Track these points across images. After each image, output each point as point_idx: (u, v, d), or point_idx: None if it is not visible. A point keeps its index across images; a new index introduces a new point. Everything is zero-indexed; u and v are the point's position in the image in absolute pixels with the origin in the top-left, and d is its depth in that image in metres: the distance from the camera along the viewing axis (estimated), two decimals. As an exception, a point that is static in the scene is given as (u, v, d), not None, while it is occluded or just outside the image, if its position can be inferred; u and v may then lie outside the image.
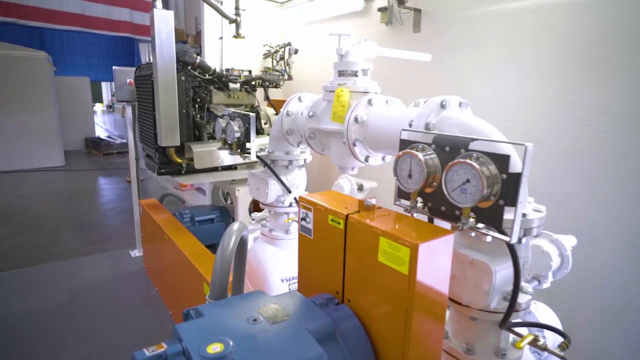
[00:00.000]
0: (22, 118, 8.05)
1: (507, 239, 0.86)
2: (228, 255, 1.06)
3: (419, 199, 1.02)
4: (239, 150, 1.90)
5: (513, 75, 2.31)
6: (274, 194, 2.00)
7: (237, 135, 1.84)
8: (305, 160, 2.07)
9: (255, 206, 3.12)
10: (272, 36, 4.03)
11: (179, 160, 2.60)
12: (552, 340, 1.48)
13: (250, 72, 3.06)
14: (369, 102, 1.47)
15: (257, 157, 1.90)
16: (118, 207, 5.89)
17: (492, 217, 0.87)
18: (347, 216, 0.94)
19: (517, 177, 0.83)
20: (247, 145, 1.85)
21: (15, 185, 6.94)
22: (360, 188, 2.50)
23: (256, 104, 3.05)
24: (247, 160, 1.90)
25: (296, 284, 2.16)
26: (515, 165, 0.86)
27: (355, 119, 1.45)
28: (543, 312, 1.52)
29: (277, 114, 3.17)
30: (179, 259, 2.24)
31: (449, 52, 2.58)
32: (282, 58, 3.19)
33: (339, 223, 0.95)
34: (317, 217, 1.04)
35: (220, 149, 2.05)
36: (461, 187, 0.88)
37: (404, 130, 1.09)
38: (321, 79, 3.75)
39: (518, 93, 2.30)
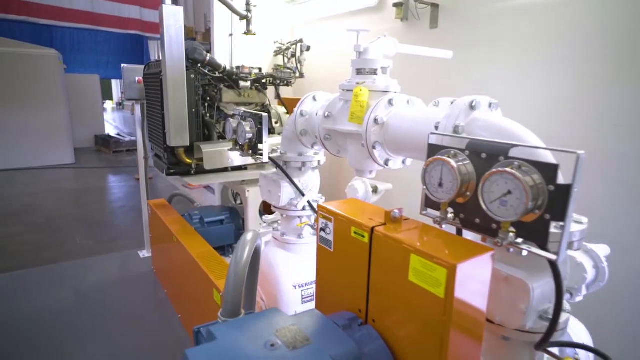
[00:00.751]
0: (33, 116, 8.09)
1: (552, 257, 0.77)
2: (242, 269, 0.98)
3: (450, 210, 0.93)
4: (250, 151, 1.83)
5: (536, 73, 2.20)
6: (286, 197, 1.92)
7: (249, 136, 1.77)
8: (319, 162, 2.00)
9: (266, 207, 3.05)
10: (283, 33, 3.95)
11: (188, 160, 2.53)
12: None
13: (260, 69, 2.98)
14: (390, 102, 1.39)
15: (270, 158, 1.82)
16: (127, 205, 5.87)
17: (536, 233, 0.79)
18: (372, 229, 0.86)
19: (566, 189, 0.74)
20: (260, 146, 1.77)
21: (26, 183, 6.96)
22: (375, 190, 2.41)
23: (267, 102, 2.97)
24: (258, 162, 1.83)
25: (309, 290, 2.09)
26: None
27: (375, 120, 1.37)
28: (575, 329, 1.42)
29: (288, 113, 3.10)
30: (189, 262, 2.18)
31: (467, 49, 2.47)
32: (293, 55, 3.11)
33: (363, 236, 0.87)
34: (338, 229, 0.96)
35: (231, 150, 1.98)
36: (501, 199, 0.79)
37: (432, 134, 1.00)
38: (332, 77, 3.67)
39: (541, 92, 2.19)
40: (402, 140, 1.34)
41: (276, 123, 3.03)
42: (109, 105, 19.81)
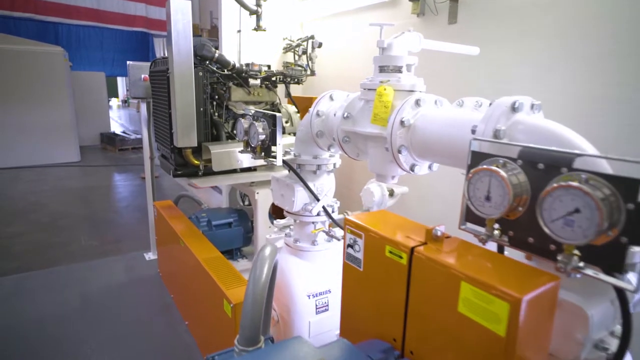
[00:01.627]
0: (38, 114, 8.04)
1: (631, 287, 0.66)
2: (260, 291, 0.88)
3: (496, 226, 0.82)
4: (263, 153, 1.72)
5: (562, 70, 2.08)
6: (300, 202, 1.82)
7: (262, 137, 1.66)
8: (334, 164, 1.89)
9: (275, 209, 2.95)
10: (292, 29, 3.84)
11: (196, 162, 2.44)
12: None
13: (269, 67, 2.87)
14: (417, 102, 1.28)
15: (283, 161, 1.72)
16: (132, 204, 5.79)
17: (607, 257, 0.67)
18: (412, 249, 0.75)
19: (648, 207, 0.63)
20: (273, 148, 1.67)
21: (31, 181, 6.91)
22: (391, 194, 2.30)
23: (277, 101, 2.86)
24: (270, 164, 1.72)
25: (323, 300, 1.99)
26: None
27: (402, 123, 1.25)
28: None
29: (298, 112, 2.99)
30: (197, 269, 2.08)
31: (489, 45, 2.34)
32: (304, 52, 3.00)
33: (401, 257, 0.76)
34: (370, 246, 0.85)
35: (242, 151, 1.87)
36: (566, 217, 0.68)
37: (475, 139, 0.89)
38: (343, 74, 3.52)
39: (568, 91, 2.07)
40: (431, 145, 1.23)
41: (286, 122, 2.93)
42: (114, 102, 19.79)
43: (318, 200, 1.82)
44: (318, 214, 1.85)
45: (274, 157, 1.67)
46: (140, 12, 10.93)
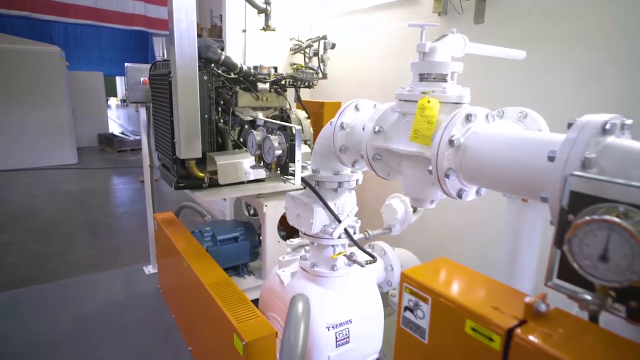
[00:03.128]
0: (34, 114, 7.82)
1: None
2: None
3: (612, 293, 0.63)
4: (279, 171, 1.52)
5: (604, 75, 1.88)
6: (319, 224, 1.62)
7: (278, 153, 1.46)
8: (357, 181, 1.69)
9: (284, 222, 2.75)
10: (300, 29, 3.63)
11: (200, 174, 2.23)
12: None
13: (275, 69, 2.67)
14: (468, 117, 1.08)
15: (302, 180, 1.52)
16: (131, 210, 5.59)
17: None
18: (509, 332, 0.56)
19: None
20: (291, 165, 1.47)
21: (27, 184, 6.70)
22: (415, 209, 2.10)
23: (287, 106, 2.66)
24: (286, 182, 1.52)
25: (344, 331, 1.79)
26: None
27: (450, 142, 1.06)
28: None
29: (309, 118, 2.79)
30: (203, 294, 1.89)
31: (520, 47, 2.14)
32: (315, 54, 2.80)
33: (491, 339, 0.57)
34: (440, 315, 0.65)
35: (254, 167, 1.68)
36: None
37: (574, 174, 0.69)
38: (354, 77, 3.26)
39: (611, 97, 1.87)
40: (488, 169, 1.03)
41: (296, 129, 2.72)
42: (113, 102, 19.55)
43: (339, 221, 1.63)
44: (339, 237, 1.66)
45: (292, 174, 1.47)
46: (139, 11, 10.72)
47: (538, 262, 1.64)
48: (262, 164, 1.62)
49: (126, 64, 2.83)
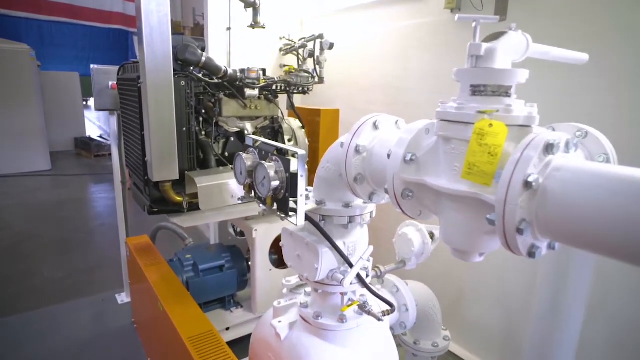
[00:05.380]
0: (2, 118, 7.28)
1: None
2: None
3: None
4: (275, 206, 1.19)
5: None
6: (326, 269, 1.29)
7: (275, 184, 1.13)
8: (371, 214, 1.37)
9: (275, 245, 2.41)
10: (290, 27, 3.30)
11: (177, 198, 1.88)
12: None
13: (264, 71, 2.33)
14: (548, 148, 0.76)
15: (307, 218, 1.19)
16: (107, 222, 5.16)
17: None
18: None
19: None
20: (292, 202, 1.13)
21: (-7, 194, 6.20)
22: (432, 237, 1.80)
23: (279, 115, 2.33)
24: (284, 220, 1.19)
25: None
26: None
27: (526, 184, 0.74)
28: None
29: (303, 127, 2.46)
30: (181, 351, 1.54)
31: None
32: (311, 55, 2.47)
33: None
34: None
35: (243, 199, 1.33)
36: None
37: None
38: (353, 81, 2.90)
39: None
40: (580, 224, 0.72)
41: (289, 141, 2.39)
42: (92, 102, 18.83)
43: (351, 265, 1.30)
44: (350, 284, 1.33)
45: (294, 213, 1.14)
46: (117, 9, 10.26)
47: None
48: (253, 195, 1.29)
49: (92, 66, 2.45)
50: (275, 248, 2.47)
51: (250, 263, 2.42)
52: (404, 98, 2.59)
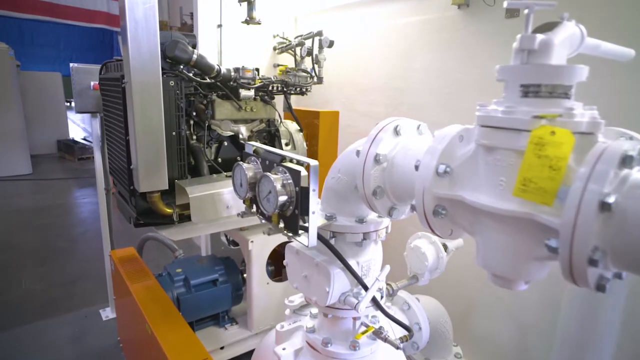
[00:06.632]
0: (-22, 120, 6.97)
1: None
2: None
3: None
4: (282, 225, 1.03)
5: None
6: (338, 292, 1.14)
7: (283, 199, 0.97)
8: (387, 229, 1.22)
9: (274, 258, 2.25)
10: (284, 25, 3.14)
11: (167, 209, 1.71)
12: None
13: (257, 70, 2.17)
14: (625, 160, 0.63)
15: (319, 238, 1.03)
16: (91, 229, 4.92)
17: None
18: None
19: None
20: (304, 219, 0.98)
21: (-31, 201, 5.90)
22: (445, 249, 1.66)
23: (276, 117, 2.17)
24: (291, 239, 1.04)
25: None
26: None
27: (603, 205, 0.60)
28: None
29: (301, 130, 2.31)
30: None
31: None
32: (309, 53, 2.32)
33: None
34: None
35: (243, 214, 1.18)
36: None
37: None
38: (349, 81, 2.76)
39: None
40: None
41: (287, 145, 2.24)
42: (75, 104, 18.32)
43: (366, 288, 1.15)
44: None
45: (304, 231, 0.99)
46: (100, 7, 9.98)
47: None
48: (255, 210, 1.13)
49: (71, 65, 2.26)
50: (273, 258, 2.31)
51: (245, 275, 2.26)
52: (407, 99, 2.46)
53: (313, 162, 0.93)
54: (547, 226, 0.69)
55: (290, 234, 1.01)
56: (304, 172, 0.94)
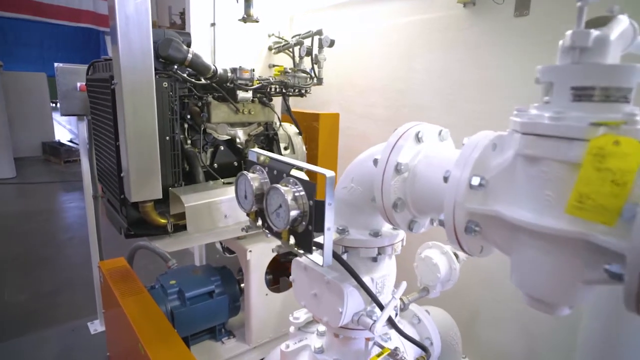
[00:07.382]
0: (-41, 122, 6.73)
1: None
2: None
3: None
4: (294, 241, 0.94)
5: None
6: (351, 311, 1.05)
7: (294, 214, 0.88)
8: (402, 241, 1.13)
9: (271, 266, 2.15)
10: (280, 24, 3.04)
11: (161, 220, 1.60)
12: None
13: (253, 71, 2.06)
14: (701, 175, 0.55)
15: (334, 256, 0.94)
16: (77, 235, 4.76)
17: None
18: None
19: None
20: (316, 237, 0.89)
21: (-51, 206, 5.67)
22: (456, 258, 1.58)
23: (275, 120, 2.07)
24: (302, 256, 0.94)
25: None
26: None
27: (680, 227, 0.52)
28: None
29: (300, 134, 2.21)
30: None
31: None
32: (308, 53, 2.22)
33: None
34: None
35: (248, 228, 1.08)
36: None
37: None
38: (349, 82, 2.66)
39: None
40: None
41: (285, 149, 2.14)
42: (61, 105, 17.93)
43: (382, 308, 1.06)
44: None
45: (319, 247, 0.89)
46: (86, 7, 9.73)
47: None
48: (261, 224, 1.03)
49: (55, 64, 2.13)
50: (271, 267, 2.21)
51: (243, 285, 2.15)
52: (409, 101, 2.37)
53: (329, 173, 0.83)
54: (605, 248, 0.60)
55: (302, 252, 0.91)
56: (313, 188, 0.85)
